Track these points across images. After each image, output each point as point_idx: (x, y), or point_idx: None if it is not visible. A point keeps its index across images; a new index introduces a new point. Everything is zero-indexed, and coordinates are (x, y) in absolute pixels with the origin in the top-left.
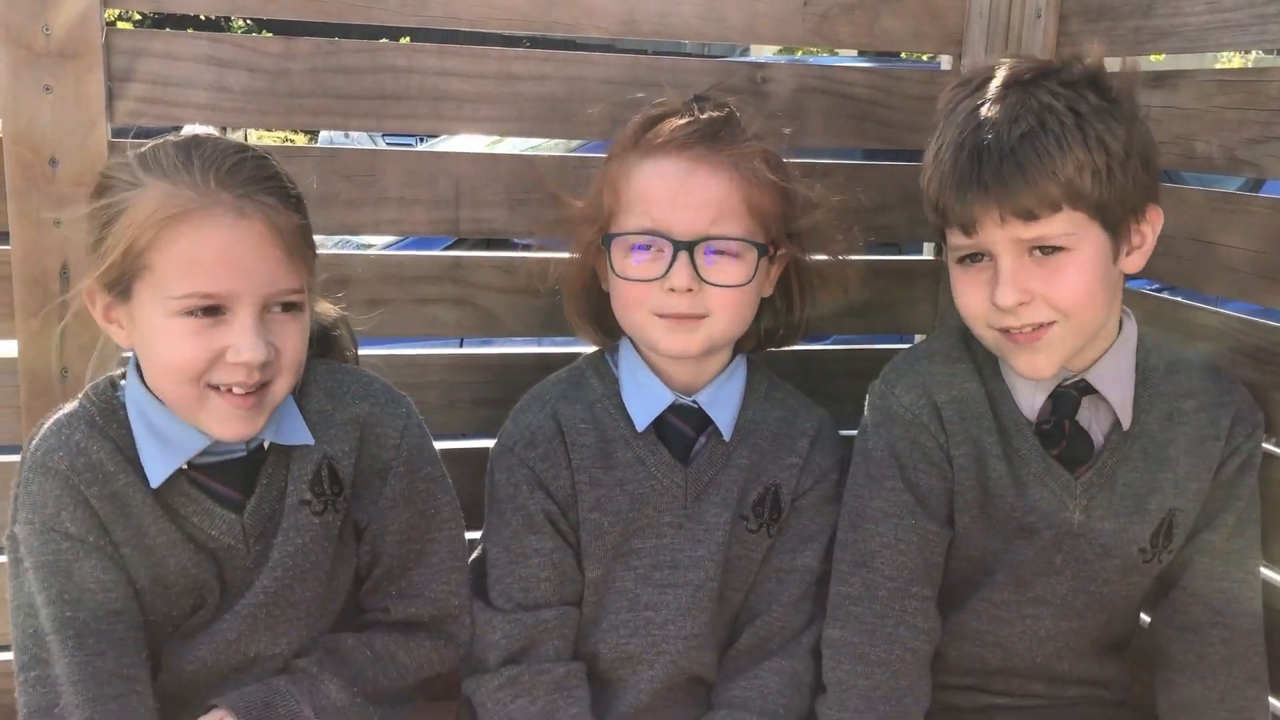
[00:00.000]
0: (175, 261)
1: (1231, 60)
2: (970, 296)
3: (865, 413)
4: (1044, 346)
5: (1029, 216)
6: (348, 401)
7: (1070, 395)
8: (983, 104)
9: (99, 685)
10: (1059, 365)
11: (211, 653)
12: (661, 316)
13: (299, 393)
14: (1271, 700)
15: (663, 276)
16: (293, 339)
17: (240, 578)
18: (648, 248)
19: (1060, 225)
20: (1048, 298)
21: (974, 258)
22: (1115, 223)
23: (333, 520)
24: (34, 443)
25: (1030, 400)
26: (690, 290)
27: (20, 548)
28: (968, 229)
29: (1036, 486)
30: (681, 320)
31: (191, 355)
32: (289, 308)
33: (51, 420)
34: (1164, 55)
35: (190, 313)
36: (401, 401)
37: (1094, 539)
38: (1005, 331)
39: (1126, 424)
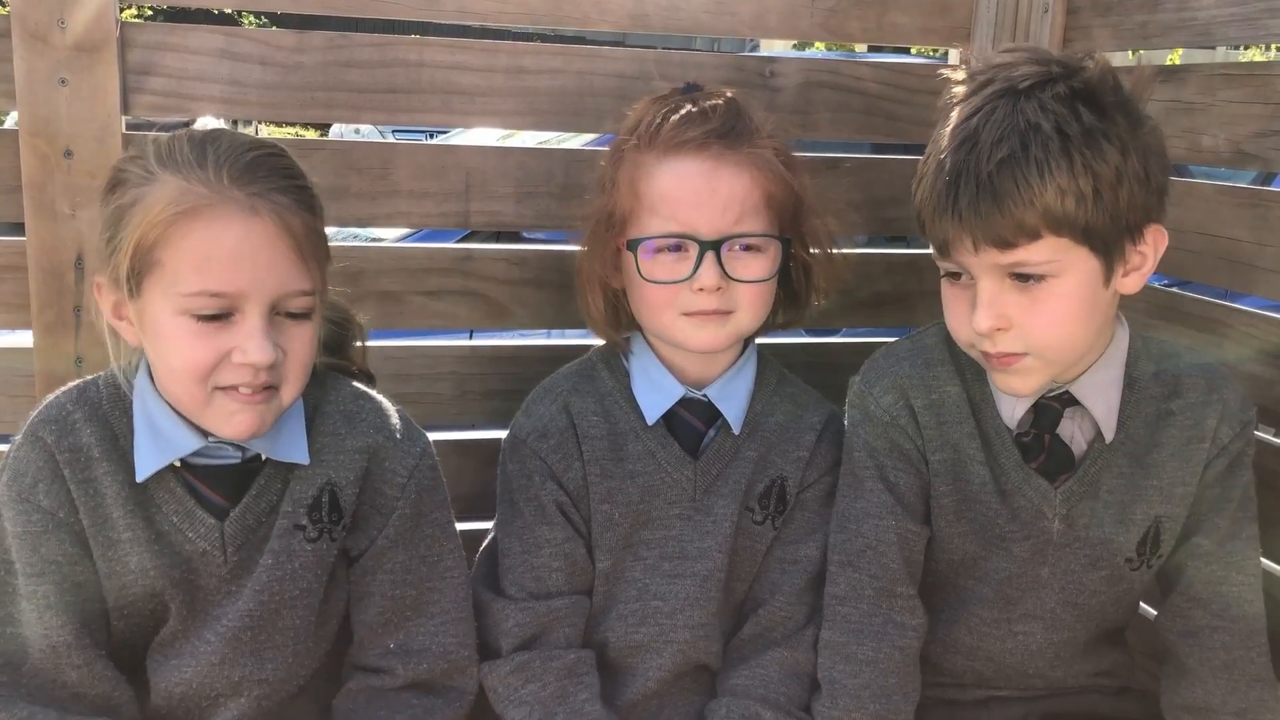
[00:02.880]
0: (186, 258)
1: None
2: (955, 315)
3: (846, 409)
4: (1018, 372)
5: (1004, 245)
6: (362, 430)
7: (1052, 408)
8: (973, 115)
9: (57, 656)
10: (1037, 387)
11: (196, 674)
12: (689, 315)
13: (315, 412)
14: None
15: (690, 277)
16: (301, 343)
17: (214, 587)
18: (674, 249)
19: (1041, 252)
20: (1023, 330)
21: (958, 275)
22: (1107, 246)
23: (327, 548)
24: (40, 408)
25: (1011, 409)
26: (719, 288)
27: (3, 509)
28: (942, 251)
29: (1015, 495)
30: (709, 316)
31: (198, 356)
32: (297, 315)
33: (65, 390)
34: (1181, 51)
35: (198, 315)
36: (418, 440)
37: (1078, 550)
38: (984, 352)
39: (1110, 437)
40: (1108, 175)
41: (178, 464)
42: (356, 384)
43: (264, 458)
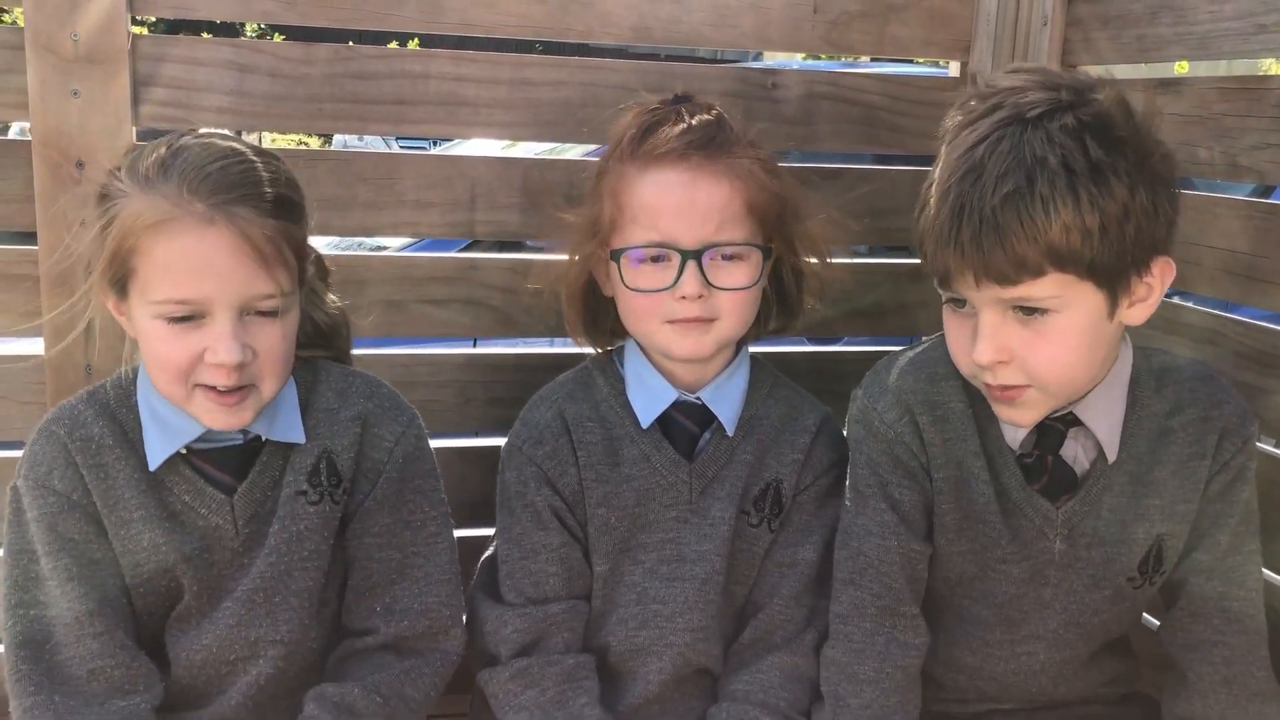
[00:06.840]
0: (154, 268)
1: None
2: (957, 343)
3: (848, 424)
4: (1020, 404)
5: (1007, 281)
6: (353, 400)
7: (1056, 430)
8: (979, 144)
9: (79, 626)
10: (1038, 418)
11: (215, 639)
12: (673, 323)
13: (310, 394)
14: None
15: (673, 286)
16: (271, 341)
17: (228, 560)
18: (656, 259)
19: (1045, 288)
20: (1025, 364)
21: (961, 302)
22: (1112, 281)
23: (330, 511)
24: (50, 412)
25: (1014, 430)
26: (701, 297)
27: (22, 499)
28: (944, 282)
29: (1017, 515)
30: (692, 324)
31: (174, 356)
32: (266, 313)
33: (74, 395)
34: (1188, 64)
35: (169, 318)
36: (405, 410)
37: (1081, 570)
38: (986, 384)
39: (1112, 457)
40: (1114, 211)
41: (184, 450)
42: (342, 364)
43: (264, 438)
